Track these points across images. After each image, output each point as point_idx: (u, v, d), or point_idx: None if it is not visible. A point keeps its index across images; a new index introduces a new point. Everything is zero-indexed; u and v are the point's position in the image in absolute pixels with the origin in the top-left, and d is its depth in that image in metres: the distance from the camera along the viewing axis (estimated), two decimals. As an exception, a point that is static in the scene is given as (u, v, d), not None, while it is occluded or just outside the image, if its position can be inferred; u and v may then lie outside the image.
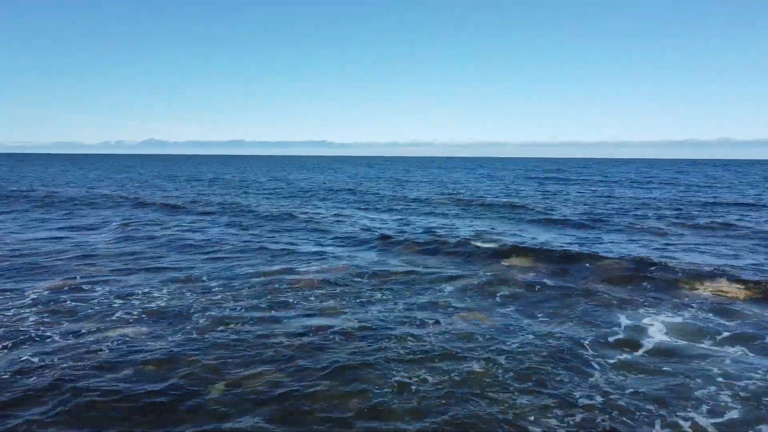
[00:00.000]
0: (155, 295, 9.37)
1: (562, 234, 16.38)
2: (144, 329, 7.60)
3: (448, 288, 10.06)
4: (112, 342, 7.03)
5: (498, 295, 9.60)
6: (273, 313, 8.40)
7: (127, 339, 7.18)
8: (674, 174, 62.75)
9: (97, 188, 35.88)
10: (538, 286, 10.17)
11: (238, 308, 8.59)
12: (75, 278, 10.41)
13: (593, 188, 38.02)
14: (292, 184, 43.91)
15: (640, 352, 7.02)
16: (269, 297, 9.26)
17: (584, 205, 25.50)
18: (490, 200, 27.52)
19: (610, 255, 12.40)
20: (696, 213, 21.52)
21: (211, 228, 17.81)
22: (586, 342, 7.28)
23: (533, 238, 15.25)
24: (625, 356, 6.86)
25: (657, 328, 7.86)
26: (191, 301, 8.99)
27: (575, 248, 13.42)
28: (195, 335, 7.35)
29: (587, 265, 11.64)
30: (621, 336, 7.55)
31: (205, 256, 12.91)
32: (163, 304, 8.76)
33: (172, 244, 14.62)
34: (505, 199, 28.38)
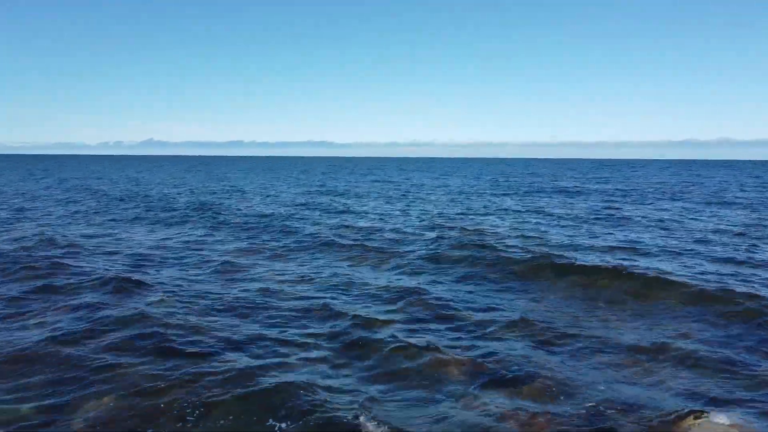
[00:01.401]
0: None
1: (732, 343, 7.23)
2: None
3: None
4: None
5: None
6: None
7: None
8: (713, 179, 53.82)
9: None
10: None
11: None
12: None
13: (660, 209, 25.77)
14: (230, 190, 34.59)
15: None
16: None
17: (675, 246, 15.14)
18: (520, 244, 16.19)
19: None
20: None
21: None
22: None
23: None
24: None
25: None
26: None
27: None
28: None
29: None
30: None
31: None
32: None
33: None
34: (531, 235, 16.64)
